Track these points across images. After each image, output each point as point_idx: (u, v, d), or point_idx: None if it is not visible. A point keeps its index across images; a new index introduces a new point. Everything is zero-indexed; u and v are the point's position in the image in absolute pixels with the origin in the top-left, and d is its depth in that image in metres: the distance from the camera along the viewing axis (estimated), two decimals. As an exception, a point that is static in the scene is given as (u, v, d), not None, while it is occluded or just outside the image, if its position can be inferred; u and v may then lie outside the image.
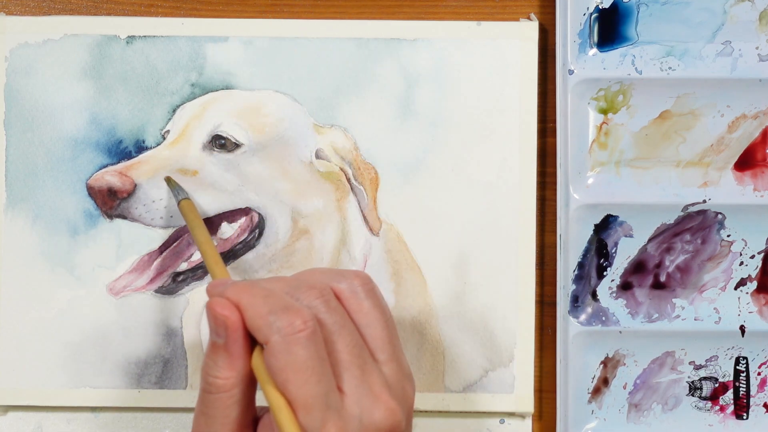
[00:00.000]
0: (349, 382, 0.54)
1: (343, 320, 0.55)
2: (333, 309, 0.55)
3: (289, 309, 0.54)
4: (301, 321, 0.53)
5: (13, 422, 0.75)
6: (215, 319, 0.55)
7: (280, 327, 0.53)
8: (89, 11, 0.76)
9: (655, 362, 0.75)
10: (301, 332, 0.53)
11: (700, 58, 0.74)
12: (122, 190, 0.73)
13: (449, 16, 0.76)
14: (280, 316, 0.53)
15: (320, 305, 0.55)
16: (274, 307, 0.54)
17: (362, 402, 0.54)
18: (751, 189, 0.75)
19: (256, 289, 0.55)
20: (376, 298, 0.57)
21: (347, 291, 0.57)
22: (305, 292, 0.56)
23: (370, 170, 0.74)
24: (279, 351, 0.53)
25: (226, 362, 0.55)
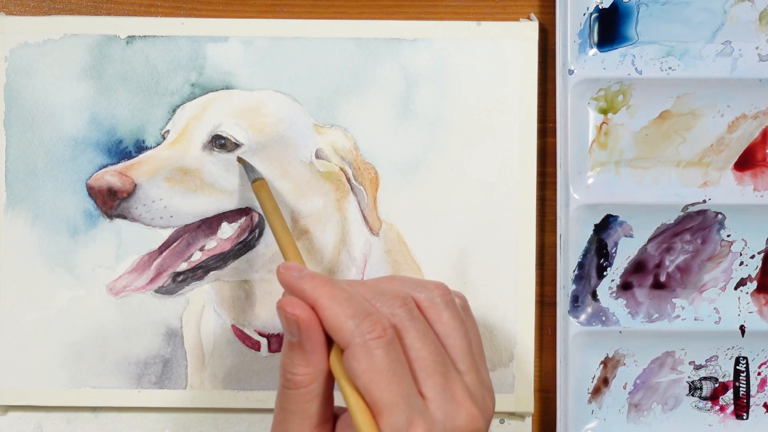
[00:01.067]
0: (431, 387, 0.54)
1: (426, 328, 0.56)
2: (416, 318, 0.56)
3: (370, 315, 0.54)
4: (381, 328, 0.54)
5: (13, 422, 0.75)
6: (286, 318, 0.55)
7: (362, 332, 0.53)
8: (89, 11, 0.76)
9: (655, 362, 0.75)
10: (381, 338, 0.53)
11: (700, 58, 0.74)
12: (122, 190, 0.73)
13: (449, 16, 0.76)
14: (360, 321, 0.54)
15: (403, 313, 0.56)
16: (356, 312, 0.54)
17: (445, 407, 0.54)
18: (751, 189, 0.75)
19: (337, 290, 0.56)
20: (455, 308, 0.58)
21: (426, 301, 0.57)
22: (389, 300, 0.56)
23: (370, 170, 0.74)
24: (360, 354, 0.53)
25: (302, 359, 0.55)
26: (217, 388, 0.74)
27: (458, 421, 0.54)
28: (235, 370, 0.74)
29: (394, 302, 0.56)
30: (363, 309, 0.54)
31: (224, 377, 0.74)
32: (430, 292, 0.58)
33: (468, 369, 0.57)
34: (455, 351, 0.57)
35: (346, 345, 0.54)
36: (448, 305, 0.58)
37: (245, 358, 0.74)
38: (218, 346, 0.74)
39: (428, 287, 0.58)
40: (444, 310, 0.57)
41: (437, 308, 0.57)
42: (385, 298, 0.56)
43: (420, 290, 0.58)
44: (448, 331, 0.57)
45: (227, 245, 0.74)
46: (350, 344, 0.54)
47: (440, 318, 0.57)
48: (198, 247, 0.74)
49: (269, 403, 0.74)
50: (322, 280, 0.56)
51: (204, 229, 0.74)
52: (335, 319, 0.54)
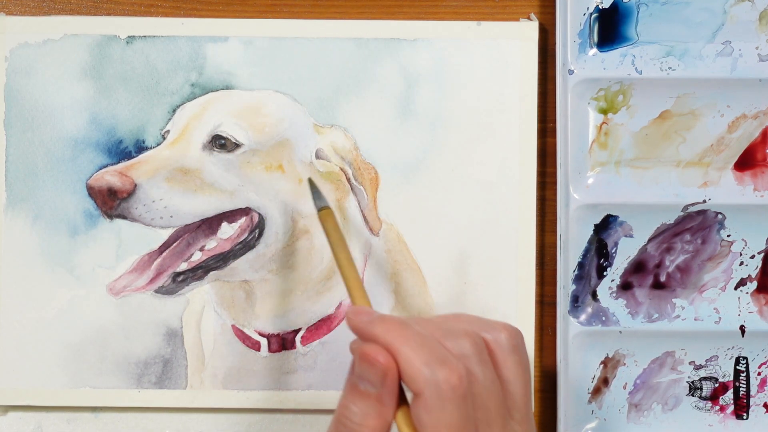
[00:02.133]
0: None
1: (493, 376, 0.54)
2: (485, 362, 0.54)
3: (446, 362, 0.52)
4: (457, 377, 0.52)
5: (13, 422, 0.75)
6: (371, 366, 0.52)
7: (437, 381, 0.51)
8: (89, 11, 0.76)
9: (655, 362, 0.75)
10: (457, 389, 0.51)
11: (700, 58, 0.74)
12: (122, 190, 0.73)
13: (449, 16, 0.76)
14: (436, 369, 0.51)
15: (473, 356, 0.53)
16: (431, 358, 0.52)
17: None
18: (751, 189, 0.75)
19: (410, 333, 0.53)
20: (522, 354, 0.56)
21: (494, 343, 0.55)
22: (459, 339, 0.54)
23: (370, 170, 0.74)
24: (432, 406, 0.51)
25: (375, 412, 0.53)
26: (217, 388, 0.74)
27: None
28: (235, 370, 0.74)
29: (464, 342, 0.54)
30: (438, 355, 0.52)
31: (224, 377, 0.74)
32: (499, 334, 0.55)
33: (523, 418, 0.55)
34: (514, 399, 0.55)
35: (419, 392, 0.51)
36: (515, 350, 0.55)
37: (245, 358, 0.74)
38: (218, 346, 0.74)
39: (496, 328, 0.56)
40: (510, 355, 0.55)
41: (504, 352, 0.55)
42: (455, 337, 0.54)
43: (488, 330, 0.55)
44: (511, 378, 0.55)
45: (227, 245, 0.74)
46: (423, 393, 0.51)
47: (506, 363, 0.55)
48: (198, 247, 0.74)
49: (269, 403, 0.74)
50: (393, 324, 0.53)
51: (204, 229, 0.74)
52: (410, 366, 0.52)
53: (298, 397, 0.74)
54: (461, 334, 0.54)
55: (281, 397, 0.74)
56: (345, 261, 0.61)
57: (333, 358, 0.74)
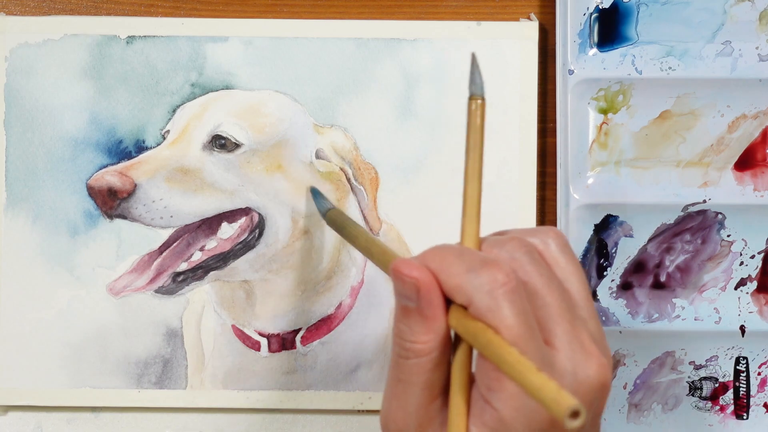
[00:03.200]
0: (560, 336, 0.50)
1: (550, 272, 0.51)
2: (538, 261, 0.51)
3: (488, 263, 0.49)
4: (503, 274, 0.48)
5: (13, 422, 0.75)
6: (403, 282, 0.50)
7: (482, 283, 0.48)
8: (89, 11, 0.76)
9: (655, 362, 0.75)
10: (506, 285, 0.48)
11: (700, 58, 0.74)
12: (122, 190, 0.73)
13: (449, 16, 0.76)
14: (479, 272, 0.48)
15: (524, 257, 0.51)
16: (472, 264, 0.49)
17: (575, 357, 0.50)
18: (751, 189, 0.75)
19: (445, 249, 0.50)
20: (572, 253, 0.53)
21: (541, 245, 0.52)
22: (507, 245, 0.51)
23: (370, 170, 0.74)
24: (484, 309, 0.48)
25: (422, 326, 0.50)
26: (217, 388, 0.74)
27: (589, 371, 0.50)
28: (235, 370, 0.74)
29: (512, 245, 0.51)
30: (479, 259, 0.49)
31: (224, 377, 0.74)
32: (545, 237, 0.53)
33: (591, 315, 0.52)
34: (577, 297, 0.52)
35: (468, 302, 0.48)
36: (564, 249, 0.53)
37: (245, 358, 0.74)
38: (218, 346, 0.74)
39: (542, 231, 0.53)
40: (561, 255, 0.52)
41: (553, 253, 0.52)
42: (502, 243, 0.51)
43: (533, 235, 0.53)
44: (567, 276, 0.52)
45: (227, 245, 0.74)
46: (472, 300, 0.48)
47: (558, 262, 0.52)
48: (198, 247, 0.74)
49: (269, 403, 0.74)
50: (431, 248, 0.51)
51: (204, 229, 0.74)
52: (452, 277, 0.49)
53: (298, 397, 0.74)
54: (507, 241, 0.51)
55: (281, 397, 0.74)
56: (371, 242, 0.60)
57: (333, 358, 0.74)
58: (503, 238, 0.52)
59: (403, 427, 0.52)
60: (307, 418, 0.75)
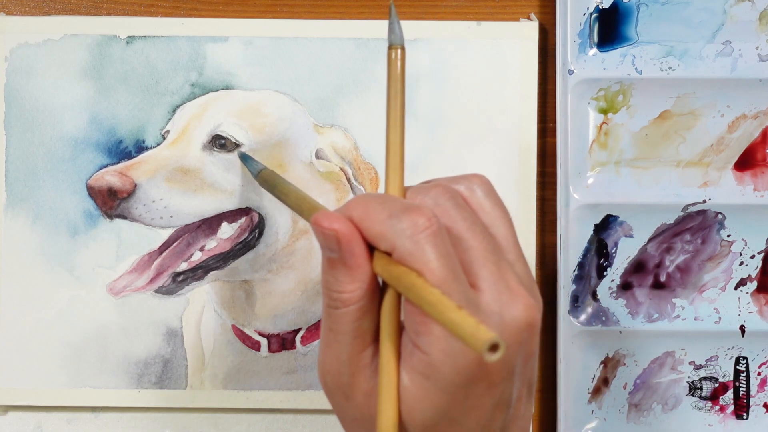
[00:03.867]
0: (486, 278, 0.50)
1: (474, 217, 0.51)
2: (461, 206, 0.51)
3: (410, 209, 0.49)
4: (425, 218, 0.49)
5: (13, 422, 0.75)
6: (323, 234, 0.50)
7: (404, 228, 0.48)
8: (89, 11, 0.76)
9: (655, 362, 0.75)
10: (428, 229, 0.48)
11: (700, 58, 0.74)
12: (122, 190, 0.73)
13: (449, 16, 0.76)
14: (401, 217, 0.49)
15: (448, 203, 0.51)
16: (394, 210, 0.49)
17: (501, 298, 0.50)
18: (751, 189, 0.75)
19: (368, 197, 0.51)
20: (497, 197, 0.53)
21: (467, 191, 0.53)
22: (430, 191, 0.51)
23: (370, 170, 0.74)
24: (407, 254, 0.48)
25: (347, 275, 0.50)
26: (217, 388, 0.74)
27: (515, 312, 0.50)
28: (235, 370, 0.74)
29: (437, 192, 0.51)
30: (401, 205, 0.49)
31: (224, 377, 0.74)
32: (470, 182, 0.53)
33: (517, 258, 0.53)
34: (503, 241, 0.53)
35: (392, 248, 0.49)
36: (489, 194, 0.53)
37: (245, 358, 0.74)
38: (218, 346, 0.74)
39: (467, 178, 0.53)
40: (485, 199, 0.53)
41: (478, 198, 0.53)
42: (425, 190, 0.51)
43: (458, 182, 0.53)
44: (492, 221, 0.53)
45: (227, 245, 0.74)
46: (395, 246, 0.49)
47: (483, 207, 0.53)
48: (198, 247, 0.74)
49: (269, 403, 0.74)
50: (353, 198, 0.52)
51: (204, 229, 0.74)
52: (374, 224, 0.49)
53: (298, 397, 0.74)
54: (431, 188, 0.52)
55: (281, 397, 0.74)
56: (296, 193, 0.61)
57: (333, 358, 0.74)
58: (427, 186, 0.52)
59: (338, 375, 0.52)
60: (307, 418, 0.75)
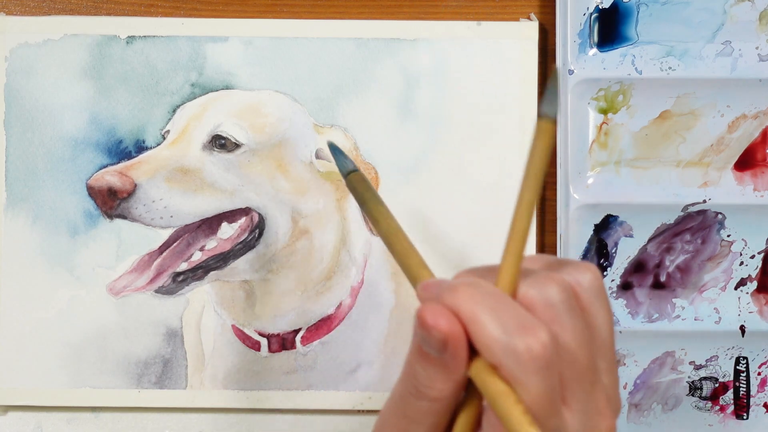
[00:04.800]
0: (579, 399, 0.47)
1: (584, 328, 0.48)
2: (574, 310, 0.47)
3: (526, 327, 0.45)
4: (541, 345, 0.45)
5: (13, 422, 0.75)
6: (429, 332, 0.46)
7: (516, 351, 0.45)
8: (89, 11, 0.76)
9: (655, 362, 0.75)
10: (540, 359, 0.45)
11: (700, 58, 0.74)
12: (122, 190, 0.73)
13: (449, 16, 0.76)
14: (514, 336, 0.45)
15: (562, 304, 0.47)
16: (508, 324, 0.45)
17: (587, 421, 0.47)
18: (751, 189, 0.75)
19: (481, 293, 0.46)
20: (606, 297, 0.50)
21: (578, 286, 0.49)
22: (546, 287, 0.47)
23: (370, 170, 0.74)
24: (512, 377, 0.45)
25: (442, 375, 0.47)
26: (217, 388, 0.74)
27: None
28: (235, 370, 0.74)
29: (552, 289, 0.47)
30: (516, 319, 0.45)
31: (224, 377, 0.74)
32: (582, 275, 0.49)
33: (609, 368, 0.49)
34: (601, 348, 0.49)
35: (497, 364, 0.45)
36: (599, 293, 0.49)
37: (245, 358, 0.74)
38: (218, 346, 0.74)
39: (579, 268, 0.49)
40: (596, 299, 0.49)
41: (590, 296, 0.49)
42: (540, 284, 0.47)
43: (570, 272, 0.49)
44: (598, 324, 0.49)
45: (227, 245, 0.74)
46: (501, 364, 0.45)
47: (591, 309, 0.49)
48: (198, 247, 0.74)
49: (269, 403, 0.74)
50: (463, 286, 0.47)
51: (204, 229, 0.74)
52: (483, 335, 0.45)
53: (298, 397, 0.74)
54: (547, 280, 0.47)
55: (281, 397, 0.74)
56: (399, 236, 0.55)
57: (333, 358, 0.74)
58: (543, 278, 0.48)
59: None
60: (307, 418, 0.75)
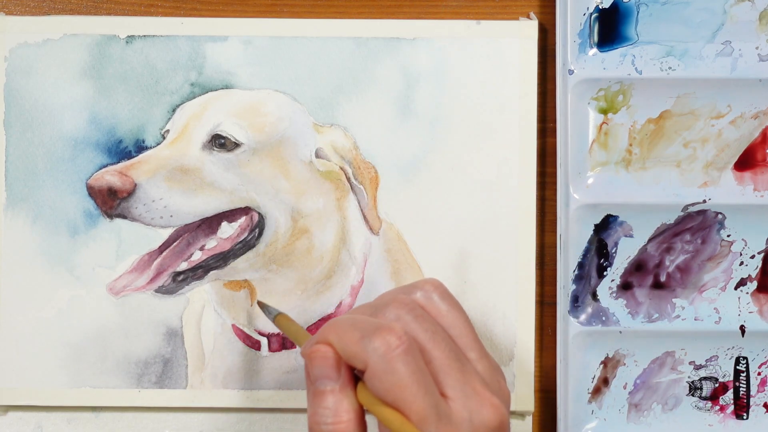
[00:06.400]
0: (452, 386, 0.54)
1: (434, 326, 0.55)
2: (421, 317, 0.55)
3: (380, 328, 0.53)
4: (396, 336, 0.53)
5: (13, 422, 0.75)
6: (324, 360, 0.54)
7: (376, 347, 0.52)
8: (89, 11, 0.76)
9: (655, 362, 0.75)
10: (399, 347, 0.52)
11: (700, 58, 0.74)
12: (122, 189, 0.73)
13: (449, 15, 0.76)
14: (373, 337, 0.53)
15: (406, 315, 0.55)
16: (365, 331, 0.53)
17: (469, 404, 0.54)
18: (751, 189, 0.75)
19: (340, 321, 0.55)
20: (452, 299, 0.57)
21: (423, 299, 0.57)
22: (389, 308, 0.55)
23: (370, 169, 0.74)
24: (381, 372, 0.52)
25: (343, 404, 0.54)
26: (217, 387, 0.74)
27: (484, 415, 0.54)
28: (235, 370, 0.74)
29: (395, 307, 0.55)
30: (371, 325, 0.53)
31: (224, 377, 0.74)
32: (422, 290, 0.57)
33: (479, 356, 0.56)
34: (463, 340, 0.56)
35: (365, 366, 0.53)
36: (444, 296, 0.57)
37: (245, 358, 0.74)
38: (218, 346, 0.74)
39: (419, 286, 0.57)
40: (442, 303, 0.57)
41: (434, 302, 0.57)
42: (384, 307, 0.55)
43: (414, 291, 0.57)
44: (451, 323, 0.56)
45: (227, 245, 0.74)
46: (368, 364, 0.53)
47: (440, 311, 0.57)
48: (198, 247, 0.74)
49: (269, 403, 0.74)
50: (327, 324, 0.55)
51: (204, 229, 0.74)
52: (349, 345, 0.53)
53: (298, 397, 0.74)
54: (388, 303, 0.55)
55: (282, 397, 0.74)
56: None
57: (333, 358, 0.74)
58: (385, 302, 0.56)
59: None
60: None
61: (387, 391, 0.52)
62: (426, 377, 0.53)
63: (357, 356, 0.53)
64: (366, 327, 0.53)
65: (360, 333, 0.53)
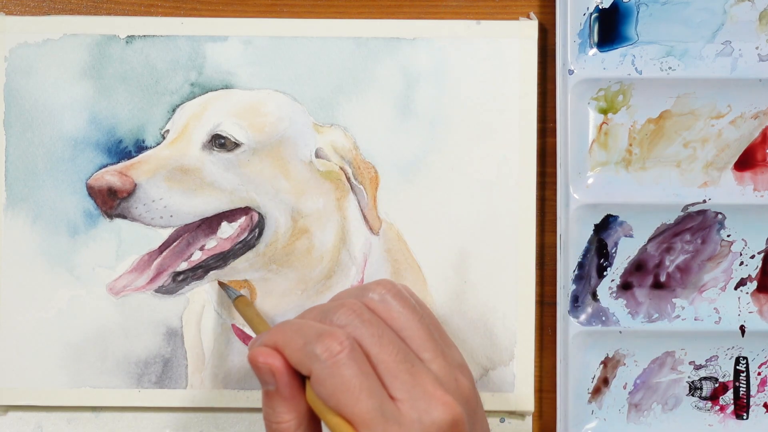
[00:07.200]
0: (400, 388, 0.54)
1: (381, 329, 0.56)
2: (368, 321, 0.56)
3: (322, 334, 0.54)
4: (337, 342, 0.54)
5: (13, 422, 0.75)
6: (259, 369, 0.56)
7: (319, 354, 0.54)
8: (89, 11, 0.76)
9: (655, 362, 0.75)
10: (340, 353, 0.54)
11: (700, 58, 0.74)
12: (122, 189, 0.73)
13: (449, 15, 0.76)
14: (314, 345, 0.54)
15: (354, 320, 0.56)
16: (309, 337, 0.54)
17: (418, 404, 0.54)
18: (751, 189, 0.75)
19: (287, 325, 0.56)
20: (404, 299, 0.58)
21: (375, 301, 0.57)
22: (337, 313, 0.56)
23: (370, 169, 0.74)
24: (324, 377, 0.54)
25: (283, 406, 0.56)
26: (217, 387, 0.74)
27: (434, 414, 0.54)
28: (235, 370, 0.74)
29: (342, 312, 0.56)
30: (315, 331, 0.55)
31: (224, 377, 0.74)
32: (376, 291, 0.58)
33: (433, 356, 0.56)
34: (415, 341, 0.57)
35: (309, 371, 0.54)
36: (396, 297, 0.57)
37: (245, 358, 0.74)
38: (218, 346, 0.74)
39: (372, 288, 0.58)
40: (392, 303, 0.57)
41: (387, 304, 0.57)
42: (333, 312, 0.56)
43: (365, 294, 0.58)
44: (402, 323, 0.57)
45: (227, 245, 0.74)
46: (312, 370, 0.54)
47: (391, 313, 0.57)
48: (198, 247, 0.74)
49: (269, 403, 0.74)
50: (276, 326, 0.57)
51: (204, 229, 0.74)
52: (294, 351, 0.55)
53: (298, 397, 0.74)
54: (337, 308, 0.56)
55: (281, 397, 0.74)
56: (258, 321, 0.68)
57: (333, 358, 0.74)
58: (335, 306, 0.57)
59: None
60: (307, 417, 0.75)
61: (330, 396, 0.53)
62: (370, 380, 0.54)
63: (301, 362, 0.55)
64: (309, 333, 0.55)
65: (303, 339, 0.55)
